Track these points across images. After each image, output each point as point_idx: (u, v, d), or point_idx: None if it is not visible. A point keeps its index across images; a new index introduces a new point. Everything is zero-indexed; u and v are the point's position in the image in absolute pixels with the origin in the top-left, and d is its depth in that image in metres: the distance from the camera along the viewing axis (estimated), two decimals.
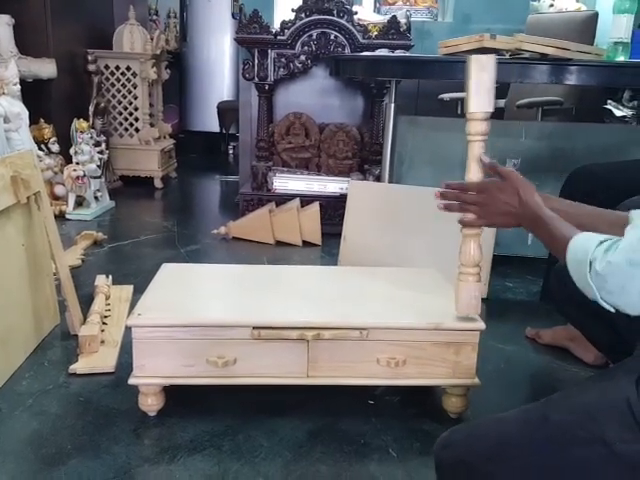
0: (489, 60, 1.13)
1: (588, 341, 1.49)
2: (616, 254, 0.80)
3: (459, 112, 3.17)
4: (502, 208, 1.07)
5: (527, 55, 1.99)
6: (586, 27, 2.91)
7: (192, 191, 4.05)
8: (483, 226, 1.16)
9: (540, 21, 3.29)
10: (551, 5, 3.82)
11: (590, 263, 0.82)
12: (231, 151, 5.18)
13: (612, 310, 0.83)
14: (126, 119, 3.78)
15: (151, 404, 1.35)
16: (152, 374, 1.32)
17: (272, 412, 1.40)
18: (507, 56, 2.07)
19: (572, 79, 1.88)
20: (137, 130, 3.79)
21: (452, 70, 2.00)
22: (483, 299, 1.58)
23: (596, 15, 2.92)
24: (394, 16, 2.88)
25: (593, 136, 2.42)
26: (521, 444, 0.85)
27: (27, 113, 2.86)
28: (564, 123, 2.79)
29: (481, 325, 1.32)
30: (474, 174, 1.15)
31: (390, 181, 2.42)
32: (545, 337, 1.79)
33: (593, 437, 0.79)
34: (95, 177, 3.08)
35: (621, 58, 2.22)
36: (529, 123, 2.61)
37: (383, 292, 1.49)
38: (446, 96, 3.21)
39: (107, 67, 3.69)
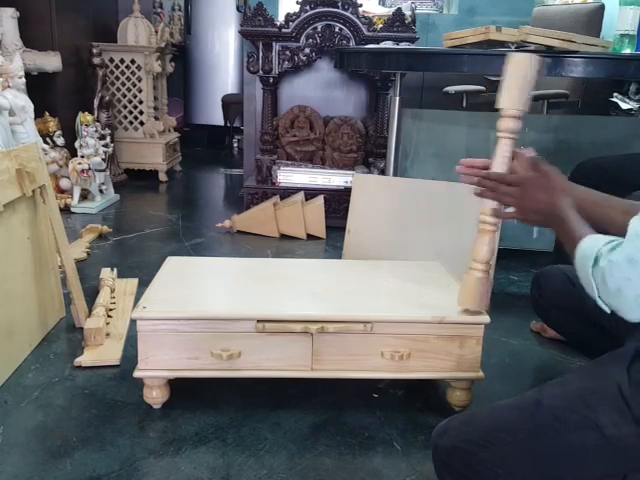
0: (528, 60, 1.10)
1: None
2: (617, 252, 0.80)
3: (464, 105, 3.16)
4: (534, 205, 1.05)
5: (533, 47, 1.98)
6: (592, 19, 2.89)
7: (196, 184, 4.05)
8: (518, 220, 1.12)
9: (546, 13, 3.27)
10: None
11: (595, 260, 0.82)
12: (235, 144, 5.18)
13: (608, 311, 0.83)
14: (131, 112, 3.79)
15: (156, 397, 1.36)
16: (157, 367, 1.32)
17: (276, 405, 1.40)
18: (513, 48, 2.06)
19: (578, 72, 1.86)
20: (142, 123, 3.80)
21: (457, 63, 1.99)
22: None
23: (602, 7, 2.90)
24: (399, 8, 2.87)
25: (599, 129, 2.41)
26: (514, 430, 0.85)
27: (32, 106, 2.86)
28: (570, 116, 2.77)
29: (486, 319, 1.31)
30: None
31: (395, 174, 2.41)
32: (550, 331, 1.78)
33: (586, 422, 0.80)
34: (100, 170, 3.09)
35: (627, 50, 2.20)
36: (535, 116, 2.60)
37: (387, 285, 1.49)
38: (451, 89, 3.19)
39: (112, 60, 3.69)
